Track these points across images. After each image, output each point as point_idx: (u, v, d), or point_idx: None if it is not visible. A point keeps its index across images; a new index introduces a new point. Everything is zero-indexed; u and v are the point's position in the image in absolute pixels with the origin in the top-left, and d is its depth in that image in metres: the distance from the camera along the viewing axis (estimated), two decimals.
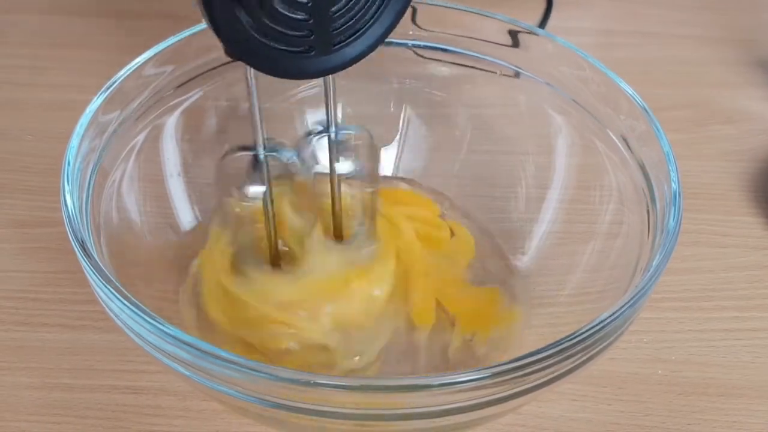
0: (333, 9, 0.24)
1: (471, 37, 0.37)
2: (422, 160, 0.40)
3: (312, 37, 0.24)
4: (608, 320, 0.26)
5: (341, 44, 0.25)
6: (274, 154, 0.30)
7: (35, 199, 0.41)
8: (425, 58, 0.38)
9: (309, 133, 0.33)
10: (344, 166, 0.33)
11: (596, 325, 0.26)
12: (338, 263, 0.33)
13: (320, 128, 0.32)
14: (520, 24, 0.36)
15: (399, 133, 0.41)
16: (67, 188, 0.29)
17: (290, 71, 0.25)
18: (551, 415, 0.33)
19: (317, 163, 0.33)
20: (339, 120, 0.32)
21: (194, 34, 0.35)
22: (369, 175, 0.34)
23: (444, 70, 0.38)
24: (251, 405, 0.26)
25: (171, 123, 0.36)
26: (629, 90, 0.33)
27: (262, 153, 0.30)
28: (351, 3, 0.25)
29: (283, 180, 0.32)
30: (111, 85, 0.32)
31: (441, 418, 0.25)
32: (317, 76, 0.27)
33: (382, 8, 0.25)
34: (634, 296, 0.27)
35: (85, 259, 0.27)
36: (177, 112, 0.36)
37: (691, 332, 0.37)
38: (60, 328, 0.36)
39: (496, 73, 0.37)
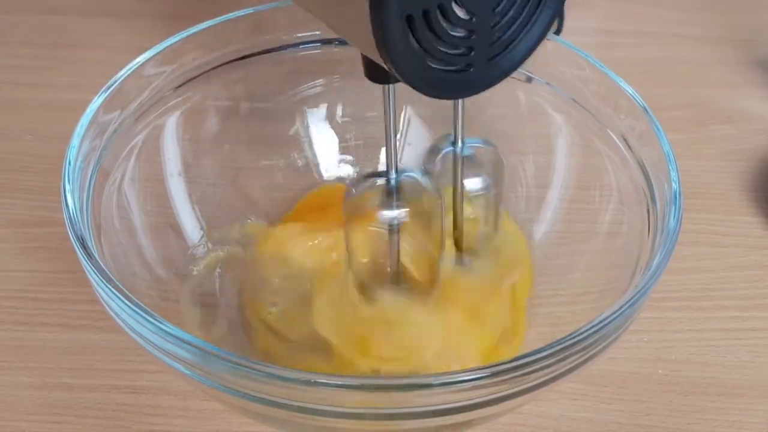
0: (492, 23, 0.24)
1: None
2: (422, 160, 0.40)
3: (472, 54, 0.24)
4: (608, 320, 0.26)
5: (496, 57, 0.25)
6: (405, 176, 0.30)
7: (35, 198, 0.41)
8: None
9: (434, 150, 0.32)
10: (471, 183, 0.32)
11: (596, 324, 0.26)
12: (463, 295, 0.33)
13: (447, 145, 0.32)
14: None
15: (399, 132, 0.41)
16: (67, 188, 0.29)
17: (451, 91, 0.25)
18: (551, 415, 0.33)
19: (444, 181, 0.32)
20: (463, 134, 0.31)
21: (194, 34, 0.35)
22: (495, 191, 0.34)
23: None
24: (251, 404, 0.25)
25: (171, 123, 0.36)
26: (629, 90, 0.33)
27: (393, 178, 0.30)
28: (509, 16, 0.24)
29: (411, 202, 0.31)
30: (111, 85, 0.32)
31: (441, 417, 0.25)
32: (476, 92, 0.26)
33: (536, 16, 0.25)
34: (634, 296, 0.27)
35: (85, 258, 0.27)
36: (177, 112, 0.36)
37: (691, 332, 0.37)
38: (60, 328, 0.36)
39: None
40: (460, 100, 0.30)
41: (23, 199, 0.41)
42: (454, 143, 0.31)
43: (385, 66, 0.23)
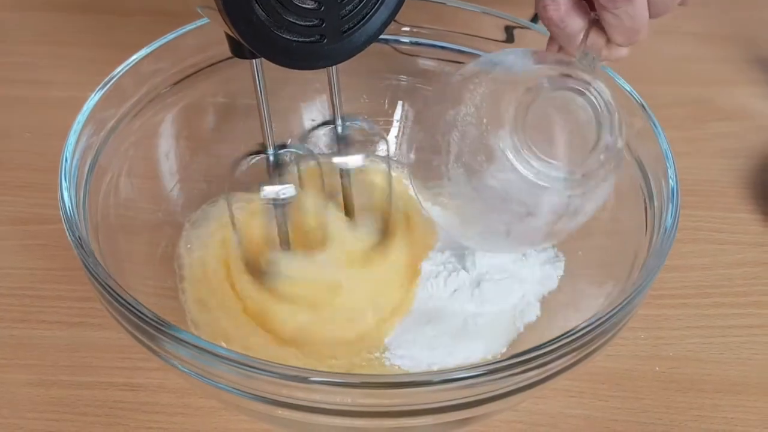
0: None
1: (466, 34, 0.37)
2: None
3: (323, 25, 0.25)
4: (605, 317, 0.26)
5: (351, 30, 0.26)
6: (283, 152, 0.31)
7: (35, 196, 0.41)
8: (410, 55, 0.38)
9: (314, 128, 0.33)
10: (351, 157, 0.33)
11: (593, 322, 0.26)
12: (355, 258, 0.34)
13: (325, 121, 0.32)
14: (516, 20, 0.36)
15: (395, 128, 0.41)
16: (64, 185, 0.29)
17: (305, 61, 0.26)
18: (549, 412, 0.33)
19: (324, 155, 0.33)
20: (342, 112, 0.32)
21: (191, 31, 0.35)
22: (376, 163, 0.35)
23: (440, 66, 0.38)
24: (250, 402, 0.26)
25: (168, 120, 0.36)
26: (627, 87, 0.33)
27: (272, 153, 0.30)
28: None
29: (295, 175, 0.32)
30: (108, 82, 0.32)
31: (440, 415, 0.26)
32: (331, 64, 0.27)
33: None
34: (631, 293, 0.27)
35: (83, 256, 0.27)
36: (174, 109, 0.36)
37: (688, 329, 0.37)
38: (59, 325, 0.36)
39: None
40: (334, 78, 0.30)
41: (23, 197, 0.41)
42: (333, 121, 0.32)
43: (233, 36, 0.23)
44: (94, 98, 0.31)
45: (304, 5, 0.24)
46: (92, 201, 0.30)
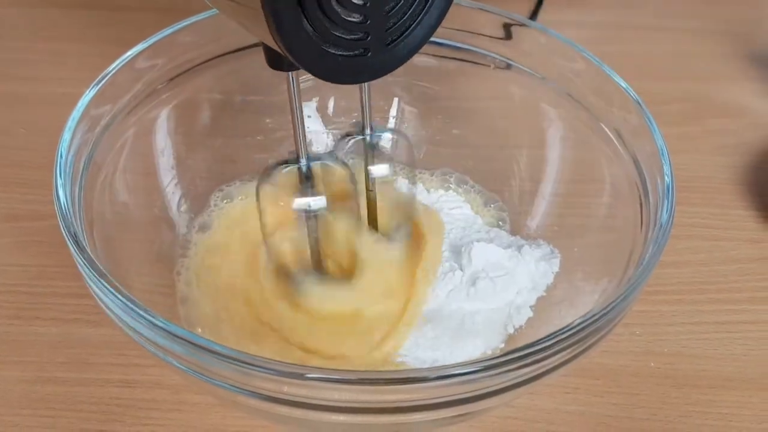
0: (387, 8, 0.25)
1: (464, 30, 0.37)
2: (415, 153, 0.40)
3: (368, 39, 0.25)
4: (601, 313, 0.26)
5: (394, 43, 0.26)
6: (316, 163, 0.31)
7: (29, 192, 0.41)
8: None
9: (344, 137, 0.33)
10: (381, 168, 0.33)
11: (589, 318, 0.26)
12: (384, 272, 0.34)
13: (355, 131, 0.32)
14: (513, 17, 0.36)
15: (391, 126, 0.41)
16: (59, 182, 0.29)
17: (348, 76, 0.25)
18: (544, 408, 0.33)
19: (354, 165, 0.33)
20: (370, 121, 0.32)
21: (186, 27, 0.35)
22: (406, 176, 0.35)
23: (437, 63, 0.38)
24: (245, 399, 0.26)
25: (164, 116, 0.36)
26: (622, 83, 0.33)
27: (305, 164, 0.30)
28: (403, 1, 0.25)
29: (322, 186, 0.32)
30: (103, 78, 0.32)
31: (436, 411, 0.26)
32: (374, 78, 0.26)
33: (430, 3, 0.25)
34: (626, 289, 0.27)
35: (78, 253, 0.27)
36: (170, 105, 0.36)
37: (683, 325, 0.37)
38: (53, 322, 0.36)
39: (489, 66, 0.37)
40: (365, 90, 0.30)
41: (17, 193, 0.41)
42: (363, 131, 0.32)
43: (281, 52, 0.23)
44: (89, 94, 0.31)
45: (350, 19, 0.24)
46: (87, 197, 0.30)
